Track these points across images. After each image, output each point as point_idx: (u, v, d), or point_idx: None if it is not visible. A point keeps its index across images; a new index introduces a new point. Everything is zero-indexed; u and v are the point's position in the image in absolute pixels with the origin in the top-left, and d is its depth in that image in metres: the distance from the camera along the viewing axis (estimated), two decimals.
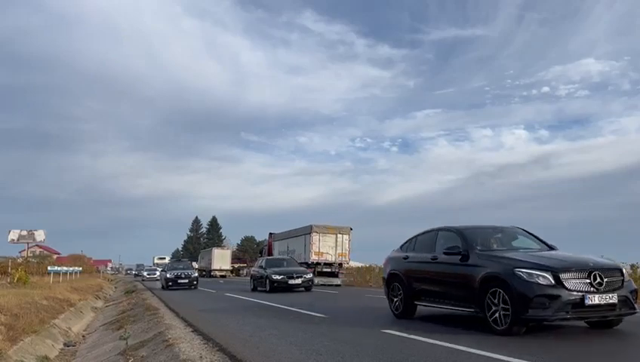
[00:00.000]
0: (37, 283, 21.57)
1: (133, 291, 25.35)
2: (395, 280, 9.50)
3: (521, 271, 6.69)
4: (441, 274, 8.30)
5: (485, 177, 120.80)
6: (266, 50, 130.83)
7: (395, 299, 9.49)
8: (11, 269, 26.01)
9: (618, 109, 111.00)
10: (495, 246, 8.12)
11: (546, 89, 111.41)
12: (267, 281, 20.01)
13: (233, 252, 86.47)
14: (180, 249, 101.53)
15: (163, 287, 25.92)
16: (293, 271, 20.35)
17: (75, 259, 55.52)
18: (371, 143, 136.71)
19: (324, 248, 27.58)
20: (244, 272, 63.52)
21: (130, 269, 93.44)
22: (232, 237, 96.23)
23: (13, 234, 41.59)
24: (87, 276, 41.59)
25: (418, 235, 9.50)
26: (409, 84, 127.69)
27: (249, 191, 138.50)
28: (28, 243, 43.57)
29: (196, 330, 8.57)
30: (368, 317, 10.10)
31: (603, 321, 7.08)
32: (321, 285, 24.75)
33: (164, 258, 77.51)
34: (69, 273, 30.89)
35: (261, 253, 38.05)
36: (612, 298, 6.57)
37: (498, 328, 6.86)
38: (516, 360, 5.26)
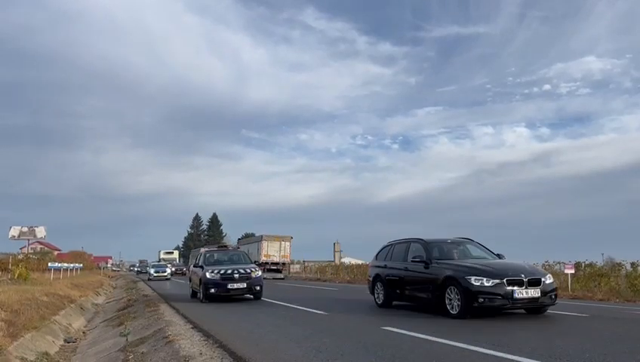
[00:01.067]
0: (37, 280, 21.58)
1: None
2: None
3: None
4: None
5: (486, 175, 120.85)
6: (268, 47, 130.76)
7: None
8: (12, 266, 26.03)
9: (619, 107, 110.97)
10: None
11: (547, 87, 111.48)
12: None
13: (233, 249, 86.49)
14: (181, 246, 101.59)
15: (199, 297, 14.96)
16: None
17: (75, 256, 55.57)
18: (372, 141, 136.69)
19: (271, 251, 37.72)
20: None
21: (134, 265, 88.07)
22: (233, 234, 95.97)
23: (14, 231, 41.71)
24: (88, 272, 41.63)
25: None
26: (410, 81, 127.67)
27: (250, 189, 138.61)
28: (29, 240, 43.68)
29: (196, 327, 8.59)
30: (368, 314, 10.11)
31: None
32: (270, 279, 31.92)
33: (172, 252, 68.59)
34: (70, 269, 30.91)
35: None
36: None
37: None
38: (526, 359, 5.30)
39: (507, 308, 8.95)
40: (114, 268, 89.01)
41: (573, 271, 17.41)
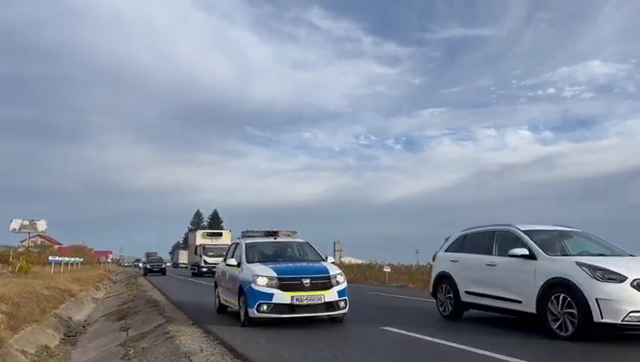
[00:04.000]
0: (38, 273, 21.60)
1: None
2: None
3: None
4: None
5: (488, 176, 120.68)
6: (273, 45, 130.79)
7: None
8: (13, 259, 26.05)
9: (623, 111, 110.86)
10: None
11: (551, 90, 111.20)
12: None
13: None
14: (181, 242, 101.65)
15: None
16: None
17: (76, 250, 55.53)
18: (375, 141, 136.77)
19: None
20: None
21: (138, 261, 73.95)
22: (233, 231, 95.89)
23: (15, 224, 41.68)
24: (89, 267, 41.65)
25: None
26: (415, 82, 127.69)
27: (252, 186, 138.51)
28: (29, 233, 43.65)
29: (196, 323, 8.59)
30: (369, 315, 10.10)
31: None
32: None
33: (220, 234, 36.75)
34: (70, 263, 30.93)
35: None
36: None
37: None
38: (516, 360, 5.28)
39: None
40: (125, 264, 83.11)
41: None
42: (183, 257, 72.40)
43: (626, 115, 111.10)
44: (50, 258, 28.12)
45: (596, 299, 6.05)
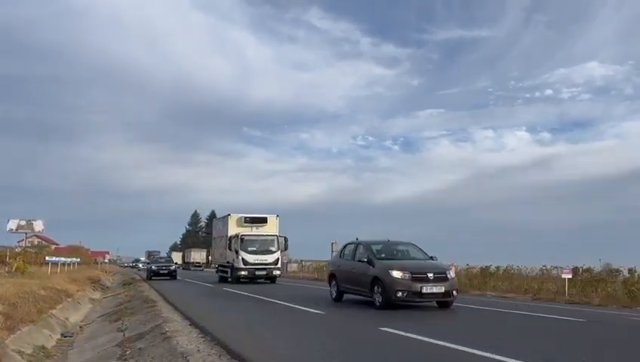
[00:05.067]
0: (35, 273, 21.56)
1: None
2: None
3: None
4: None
5: (486, 178, 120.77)
6: (272, 46, 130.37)
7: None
8: (9, 259, 26.00)
9: (621, 113, 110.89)
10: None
11: (549, 92, 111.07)
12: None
13: None
14: (179, 243, 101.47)
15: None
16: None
17: (73, 250, 55.36)
18: (373, 142, 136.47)
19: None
20: None
21: (137, 261, 68.70)
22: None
23: (12, 224, 41.64)
24: (86, 267, 41.55)
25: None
26: (413, 83, 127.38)
27: (250, 186, 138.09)
28: (26, 233, 43.59)
29: (193, 323, 8.59)
30: (365, 315, 10.12)
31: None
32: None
33: (264, 219, 25.36)
34: (67, 264, 30.86)
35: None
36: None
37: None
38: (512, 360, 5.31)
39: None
40: (125, 264, 78.06)
41: (570, 276, 17.43)
42: (197, 256, 66.41)
43: (623, 117, 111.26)
44: (47, 258, 28.06)
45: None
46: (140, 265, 56.00)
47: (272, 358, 5.61)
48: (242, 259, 22.69)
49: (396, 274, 10.56)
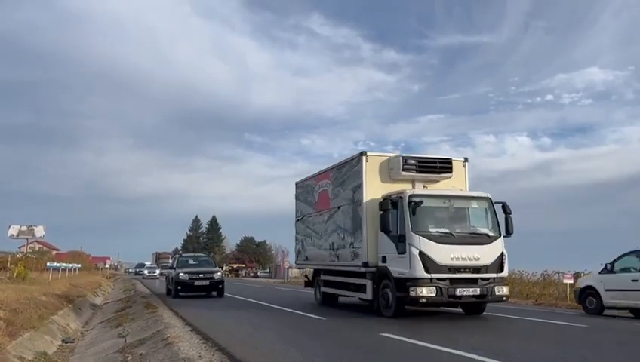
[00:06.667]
0: (36, 279, 21.52)
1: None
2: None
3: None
4: None
5: (487, 183, 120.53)
6: (273, 51, 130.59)
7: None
8: (10, 264, 25.97)
9: (621, 118, 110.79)
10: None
11: (549, 97, 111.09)
12: None
13: (232, 252, 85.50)
14: (180, 248, 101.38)
15: None
16: None
17: (74, 256, 55.19)
18: (374, 147, 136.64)
19: None
20: (243, 273, 63.16)
21: (141, 266, 57.78)
22: (232, 237, 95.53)
23: (13, 230, 41.58)
24: (86, 273, 41.46)
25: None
26: (413, 88, 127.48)
27: (250, 192, 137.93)
28: (27, 239, 43.53)
29: (195, 329, 8.58)
30: (366, 320, 10.11)
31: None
32: None
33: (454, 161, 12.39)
34: (68, 269, 30.81)
35: None
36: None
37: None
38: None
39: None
40: (129, 270, 71.04)
41: (572, 281, 17.38)
42: None
43: (623, 122, 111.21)
44: (48, 264, 28.02)
45: None
46: (146, 272, 46.79)
47: None
48: (425, 256, 9.76)
49: None
